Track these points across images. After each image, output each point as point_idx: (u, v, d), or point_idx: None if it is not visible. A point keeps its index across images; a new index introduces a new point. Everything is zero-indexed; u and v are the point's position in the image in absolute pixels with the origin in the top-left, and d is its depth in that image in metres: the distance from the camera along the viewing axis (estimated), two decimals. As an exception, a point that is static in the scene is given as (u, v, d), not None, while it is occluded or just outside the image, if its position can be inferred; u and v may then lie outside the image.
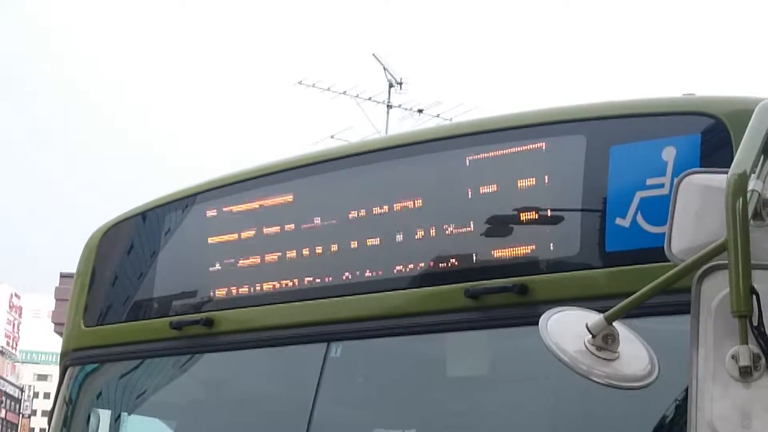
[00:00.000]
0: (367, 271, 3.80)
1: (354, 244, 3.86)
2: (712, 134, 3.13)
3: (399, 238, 3.73)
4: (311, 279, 3.95)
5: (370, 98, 21.35)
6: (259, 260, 4.12)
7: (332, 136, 18.81)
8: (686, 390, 2.16)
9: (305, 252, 3.99)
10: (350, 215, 3.89)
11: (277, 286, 4.05)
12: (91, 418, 4.76)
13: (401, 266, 3.71)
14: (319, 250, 3.95)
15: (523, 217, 3.46)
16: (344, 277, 3.86)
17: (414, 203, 3.72)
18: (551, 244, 3.40)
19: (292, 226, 4.05)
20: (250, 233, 4.19)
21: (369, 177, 3.99)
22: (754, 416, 2.08)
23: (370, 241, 3.81)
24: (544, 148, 3.51)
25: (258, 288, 4.10)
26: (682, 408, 2.86)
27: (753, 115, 2.42)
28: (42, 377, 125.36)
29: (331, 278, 3.90)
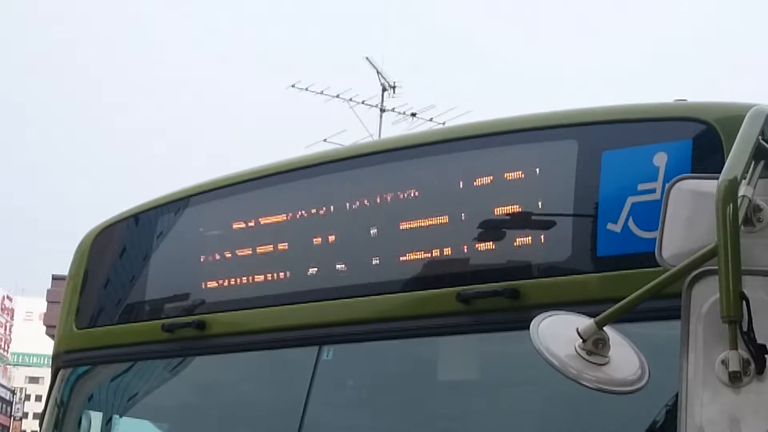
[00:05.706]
0: (359, 274, 3.80)
1: (346, 247, 3.86)
2: (704, 140, 3.13)
3: (391, 241, 3.73)
4: (303, 282, 3.95)
5: (363, 102, 21.44)
6: (250, 263, 4.12)
7: (325, 140, 18.85)
8: (676, 395, 2.16)
9: (297, 255, 3.99)
10: (342, 218, 3.89)
11: (269, 288, 4.04)
12: (83, 421, 4.75)
13: (393, 270, 3.71)
14: (311, 253, 3.94)
15: (515, 221, 3.46)
16: (336, 281, 3.86)
17: (406, 207, 3.72)
18: (543, 249, 3.40)
19: (284, 229, 4.05)
20: (242, 236, 4.18)
21: (361, 180, 3.99)
22: (743, 421, 2.08)
23: (362, 244, 3.81)
24: (536, 152, 3.51)
25: (250, 291, 4.10)
26: (671, 413, 2.86)
27: (744, 121, 2.42)
28: (34, 380, 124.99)
29: (323, 281, 3.89)
